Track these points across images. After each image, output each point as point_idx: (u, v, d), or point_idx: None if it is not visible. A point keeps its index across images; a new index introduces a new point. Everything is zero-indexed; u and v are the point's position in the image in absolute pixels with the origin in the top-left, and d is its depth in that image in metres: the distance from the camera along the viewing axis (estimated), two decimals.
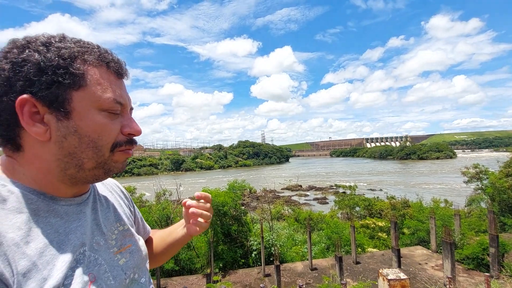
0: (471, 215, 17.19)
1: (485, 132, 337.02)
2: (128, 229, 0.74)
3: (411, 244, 14.36)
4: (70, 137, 0.54)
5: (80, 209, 0.62)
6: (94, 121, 0.56)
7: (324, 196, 39.12)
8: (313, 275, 10.79)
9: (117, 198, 0.80)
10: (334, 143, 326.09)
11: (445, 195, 25.75)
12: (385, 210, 19.88)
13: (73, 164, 0.56)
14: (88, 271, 0.56)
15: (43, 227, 0.53)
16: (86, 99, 0.55)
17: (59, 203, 0.58)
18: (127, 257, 0.68)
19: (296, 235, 15.44)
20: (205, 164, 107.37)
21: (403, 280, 0.98)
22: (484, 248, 10.19)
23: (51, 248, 0.52)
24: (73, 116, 0.54)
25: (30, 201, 0.54)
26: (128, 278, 0.66)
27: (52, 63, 0.52)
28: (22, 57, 0.51)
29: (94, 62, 0.57)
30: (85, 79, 0.55)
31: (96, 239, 0.63)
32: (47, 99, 0.52)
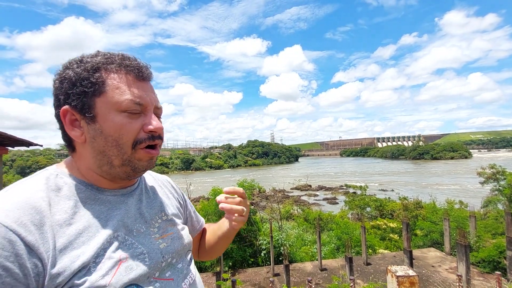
0: (488, 217, 16.64)
1: (502, 131, 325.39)
2: (172, 219, 0.81)
3: (423, 246, 14.04)
4: (98, 137, 0.64)
5: (123, 199, 0.71)
6: (114, 122, 0.63)
7: (334, 196, 38.73)
8: (323, 275, 10.71)
9: (166, 192, 0.89)
10: (345, 143, 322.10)
11: (460, 196, 25.03)
12: (397, 211, 19.50)
13: (105, 161, 0.65)
14: (121, 252, 0.63)
15: (86, 212, 0.63)
16: (106, 103, 0.63)
17: (104, 193, 0.68)
18: (168, 243, 0.74)
19: (305, 235, 15.35)
20: (215, 164, 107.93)
21: (411, 277, 0.97)
22: (501, 251, 9.87)
23: (89, 230, 0.61)
24: (98, 119, 0.63)
25: (79, 190, 0.65)
26: (165, 262, 0.71)
27: (79, 76, 0.62)
28: (63, 76, 0.64)
29: (114, 69, 0.65)
30: (104, 86, 0.63)
31: (137, 226, 0.70)
32: (79, 107, 0.63)
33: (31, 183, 0.61)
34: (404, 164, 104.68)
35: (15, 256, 0.50)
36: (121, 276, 0.60)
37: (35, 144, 7.92)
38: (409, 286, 1.08)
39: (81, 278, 0.56)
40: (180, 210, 0.90)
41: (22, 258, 0.51)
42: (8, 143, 6.44)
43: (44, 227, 0.55)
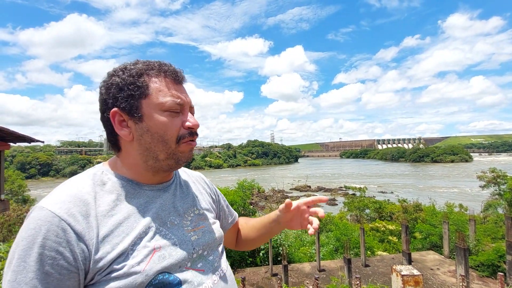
0: (487, 221, 16.60)
1: (504, 135, 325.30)
2: (204, 214, 0.87)
3: (422, 249, 14.02)
4: (145, 135, 0.72)
5: (160, 194, 0.78)
6: (159, 121, 0.72)
7: (333, 197, 38.72)
8: (321, 276, 10.68)
9: (199, 187, 0.96)
10: (345, 144, 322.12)
11: (460, 200, 24.99)
12: (396, 213, 19.47)
13: (151, 156, 0.74)
14: (155, 241, 0.69)
15: (126, 205, 0.70)
16: (151, 104, 0.72)
17: (143, 188, 0.76)
18: (199, 235, 0.80)
19: (304, 235, 15.32)
20: (214, 163, 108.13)
21: (416, 276, 0.96)
22: (500, 255, 9.84)
23: (128, 221, 0.68)
24: (145, 119, 0.71)
25: (121, 185, 0.73)
26: (196, 253, 0.77)
27: (126, 81, 0.71)
28: (110, 82, 0.72)
29: (155, 74, 0.74)
30: (148, 89, 0.72)
31: (171, 219, 0.76)
32: (127, 109, 0.71)
33: (80, 179, 0.71)
34: (404, 166, 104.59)
35: (66, 242, 0.59)
36: (154, 264, 0.66)
37: (36, 140, 7.92)
38: (414, 285, 1.08)
39: (119, 263, 0.63)
40: (212, 205, 0.97)
41: (72, 244, 0.60)
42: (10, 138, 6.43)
43: (89, 217, 0.64)
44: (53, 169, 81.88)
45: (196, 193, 0.91)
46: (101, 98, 0.74)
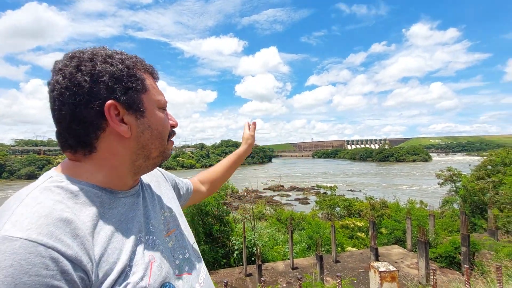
0: (445, 216, 18.00)
1: (459, 137, 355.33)
2: (172, 214, 0.83)
3: (388, 243, 14.82)
4: (145, 131, 0.67)
5: (134, 200, 0.71)
6: (159, 117, 0.70)
7: (305, 196, 39.62)
8: (294, 274, 10.85)
9: (160, 182, 0.91)
10: (316, 144, 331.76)
11: (421, 197, 26.82)
12: (364, 211, 20.41)
13: (143, 155, 0.68)
14: (149, 253, 0.65)
15: (108, 217, 0.62)
16: (150, 99, 0.69)
17: (118, 196, 0.67)
18: (173, 241, 0.76)
19: (277, 235, 15.48)
20: (187, 163, 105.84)
21: (392, 272, 1.01)
22: (456, 247, 10.68)
23: (117, 235, 0.61)
24: (147, 114, 0.67)
25: (96, 195, 0.62)
26: (177, 259, 0.74)
27: (123, 73, 0.64)
28: (98, 69, 0.61)
29: (143, 70, 0.70)
30: (146, 84, 0.68)
31: (151, 225, 0.72)
32: (126, 103, 0.64)
33: (45, 194, 0.57)
34: (371, 166, 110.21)
35: (61, 273, 0.49)
36: (156, 276, 0.63)
37: None
38: (391, 280, 1.12)
39: (122, 283, 0.57)
40: (174, 195, 0.94)
41: (68, 274, 0.49)
42: None
43: (78, 238, 0.54)
44: (6, 170, 74.89)
45: (158, 191, 0.87)
46: (79, 86, 0.59)
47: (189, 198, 1.11)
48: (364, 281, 10.37)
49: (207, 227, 12.73)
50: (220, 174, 1.31)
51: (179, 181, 1.06)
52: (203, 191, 1.21)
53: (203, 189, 1.21)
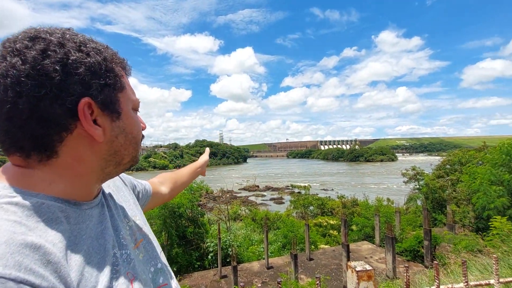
0: (409, 212, 19.17)
1: (421, 138, 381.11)
2: (136, 222, 0.75)
3: (358, 240, 15.47)
4: (120, 136, 0.58)
5: (99, 211, 0.62)
6: (134, 120, 0.61)
7: (280, 196, 40.18)
8: (269, 273, 10.94)
9: (118, 187, 0.80)
10: (291, 145, 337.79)
11: (388, 194, 28.33)
12: (336, 209, 21.13)
13: (114, 161, 0.59)
14: (126, 270, 0.58)
15: (77, 235, 0.52)
16: (126, 99, 0.59)
17: (83, 208, 0.57)
18: (143, 252, 0.69)
19: (253, 235, 15.51)
20: (159, 164, 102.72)
21: (369, 271, 1.05)
22: (419, 241, 11.41)
23: (91, 255, 0.52)
24: (122, 117, 0.58)
25: (59, 209, 0.51)
26: (150, 272, 0.67)
27: (101, 66, 0.53)
28: (72, 59, 0.49)
29: (119, 64, 0.60)
30: (122, 81, 0.59)
31: (122, 234, 0.64)
32: (101, 102, 0.53)
33: None
34: (342, 165, 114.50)
35: None
36: None
37: None
38: (367, 279, 1.15)
39: None
40: (135, 200, 0.83)
41: None
42: None
43: (50, 265, 0.44)
44: None
45: (119, 198, 0.77)
46: (47, 76, 0.47)
47: (147, 202, 0.99)
48: (337, 277, 10.71)
49: (180, 229, 12.41)
50: (181, 178, 1.22)
51: (136, 183, 0.94)
52: (164, 193, 1.09)
53: (163, 191, 1.09)
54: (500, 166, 9.32)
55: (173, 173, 1.22)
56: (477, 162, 14.09)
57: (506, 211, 8.18)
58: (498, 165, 9.44)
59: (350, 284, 1.15)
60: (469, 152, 18.97)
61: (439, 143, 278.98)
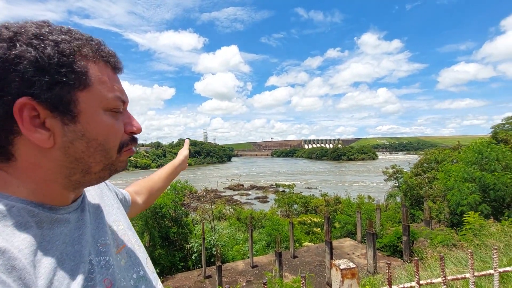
0: (389, 209, 19.83)
1: (401, 138, 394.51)
2: (119, 227, 0.71)
3: (341, 237, 15.82)
4: (77, 142, 0.50)
5: (78, 216, 0.58)
6: (101, 123, 0.52)
7: (265, 195, 40.35)
8: (254, 272, 10.96)
9: (101, 191, 0.76)
10: (276, 144, 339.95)
11: (369, 192, 29.16)
12: (320, 207, 21.50)
13: (79, 169, 0.52)
14: (103, 277, 0.54)
15: (50, 240, 0.49)
16: (93, 99, 0.51)
17: (59, 212, 0.53)
18: (125, 258, 0.65)
19: (237, 234, 15.49)
20: (141, 163, 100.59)
21: (352, 269, 1.06)
22: (398, 236, 11.82)
23: (64, 261, 0.49)
24: (81, 119, 0.50)
25: (31, 213, 0.48)
26: (132, 279, 0.64)
27: (53, 60, 0.46)
28: (14, 53, 0.44)
29: (93, 57, 0.52)
30: (89, 78, 0.50)
31: (100, 241, 0.60)
32: (50, 102, 0.47)
33: None
34: (326, 164, 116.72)
35: None
36: None
37: None
38: (351, 277, 1.17)
39: None
40: (120, 206, 0.80)
41: None
42: None
43: (14, 271, 0.41)
44: None
45: (102, 202, 0.73)
46: None
47: (127, 212, 0.93)
48: (320, 273, 10.90)
49: (163, 230, 12.18)
50: (157, 184, 1.14)
51: (118, 191, 0.90)
52: (139, 204, 1.04)
53: (139, 201, 1.04)
54: (473, 164, 9.82)
55: (148, 180, 1.13)
56: (452, 161, 14.78)
57: (478, 206, 8.63)
58: (470, 163, 9.94)
59: (335, 282, 1.16)
60: (444, 151, 19.87)
61: (417, 142, 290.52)
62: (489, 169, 9.26)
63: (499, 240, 3.97)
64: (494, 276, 1.25)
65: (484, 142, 10.44)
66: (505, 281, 2.63)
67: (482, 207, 8.59)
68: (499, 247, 3.62)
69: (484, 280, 2.61)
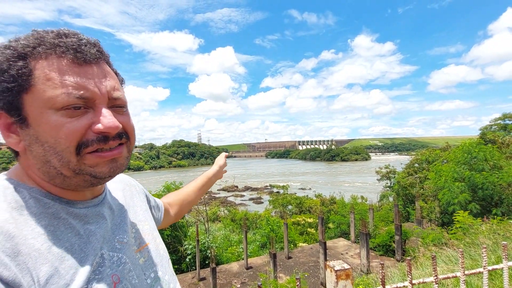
0: (382, 209, 20.05)
1: (393, 138, 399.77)
2: (145, 227, 0.73)
3: (335, 237, 15.92)
4: (34, 145, 0.50)
5: (98, 210, 0.60)
6: (49, 124, 0.49)
7: (259, 196, 40.36)
8: (249, 273, 10.94)
9: (131, 192, 0.78)
10: (270, 145, 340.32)
11: (362, 192, 29.46)
12: (314, 207, 21.61)
13: (54, 172, 0.51)
14: (112, 272, 0.55)
15: (63, 230, 0.52)
16: (36, 100, 0.49)
17: (77, 207, 0.56)
18: (146, 257, 0.67)
19: (232, 235, 15.45)
20: (134, 165, 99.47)
21: (347, 270, 1.09)
22: (391, 236, 11.96)
23: (73, 251, 0.51)
24: (31, 123, 0.49)
25: (46, 205, 0.52)
26: (149, 278, 0.65)
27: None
28: None
29: (43, 53, 0.49)
30: (31, 78, 0.49)
31: (118, 238, 0.62)
32: (5, 109, 0.50)
33: None
34: (320, 165, 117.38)
35: None
36: None
37: None
38: (345, 278, 1.19)
39: None
40: (147, 208, 0.82)
41: None
42: None
43: (19, 256, 0.44)
44: None
45: (131, 202, 0.75)
46: None
47: (160, 222, 0.95)
48: (314, 274, 10.95)
49: None
50: (189, 196, 1.14)
51: (150, 197, 0.90)
52: (171, 215, 1.05)
53: (171, 213, 1.05)
54: (462, 164, 10.02)
55: (180, 192, 1.14)
56: (442, 161, 15.05)
57: (467, 205, 8.81)
58: (460, 163, 10.14)
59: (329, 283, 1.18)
60: (435, 151, 20.20)
61: (408, 143, 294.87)
62: (477, 169, 9.47)
63: (487, 238, 4.06)
64: (484, 274, 1.29)
65: (473, 142, 10.66)
66: (493, 277, 2.70)
67: (472, 206, 8.77)
68: (488, 245, 3.71)
69: (474, 277, 2.67)
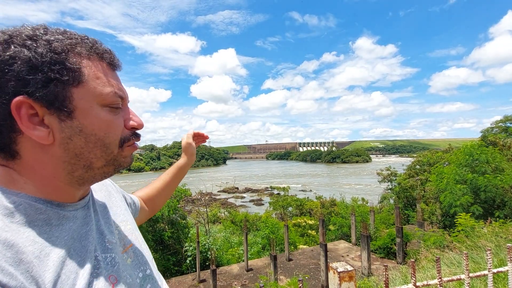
0: (382, 211, 19.97)
1: (394, 140, 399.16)
2: (127, 227, 0.73)
3: (335, 239, 15.84)
4: (75, 137, 0.52)
5: (86, 213, 0.60)
6: (98, 118, 0.53)
7: (259, 197, 40.28)
8: (249, 275, 10.89)
9: (109, 192, 0.78)
10: (270, 146, 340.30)
11: (363, 194, 29.36)
12: (315, 209, 21.54)
13: (81, 165, 0.54)
14: (108, 273, 0.56)
15: (58, 235, 0.51)
16: (88, 95, 0.52)
17: (67, 209, 0.56)
18: (131, 257, 0.67)
19: (232, 237, 15.40)
20: (134, 166, 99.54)
21: (350, 272, 1.07)
22: (392, 238, 11.90)
23: (71, 255, 0.51)
24: (77, 115, 0.51)
25: (39, 211, 0.51)
26: (138, 278, 0.65)
27: (45, 58, 0.48)
28: (8, 54, 0.47)
29: (87, 54, 0.53)
30: (83, 74, 0.52)
31: (107, 238, 0.62)
32: (45, 99, 0.49)
33: None
34: (320, 167, 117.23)
35: None
36: None
37: None
38: (349, 280, 1.16)
39: None
40: (127, 207, 0.82)
41: None
42: None
43: (21, 264, 0.43)
44: None
45: (110, 202, 0.75)
46: None
47: (136, 217, 0.95)
48: (315, 276, 10.89)
49: (157, 234, 12.05)
50: (161, 190, 1.11)
51: (127, 196, 0.91)
52: (147, 210, 1.05)
53: (146, 208, 1.04)
54: (464, 166, 9.97)
55: (153, 186, 1.11)
56: (444, 163, 14.99)
57: (469, 207, 8.76)
58: (462, 165, 10.09)
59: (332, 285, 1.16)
60: (436, 153, 20.14)
61: (409, 145, 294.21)
62: (480, 171, 9.42)
63: (490, 240, 4.03)
64: (488, 277, 1.27)
65: (475, 145, 10.62)
66: (496, 281, 2.67)
67: (474, 208, 8.72)
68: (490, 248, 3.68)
69: (476, 280, 2.64)
